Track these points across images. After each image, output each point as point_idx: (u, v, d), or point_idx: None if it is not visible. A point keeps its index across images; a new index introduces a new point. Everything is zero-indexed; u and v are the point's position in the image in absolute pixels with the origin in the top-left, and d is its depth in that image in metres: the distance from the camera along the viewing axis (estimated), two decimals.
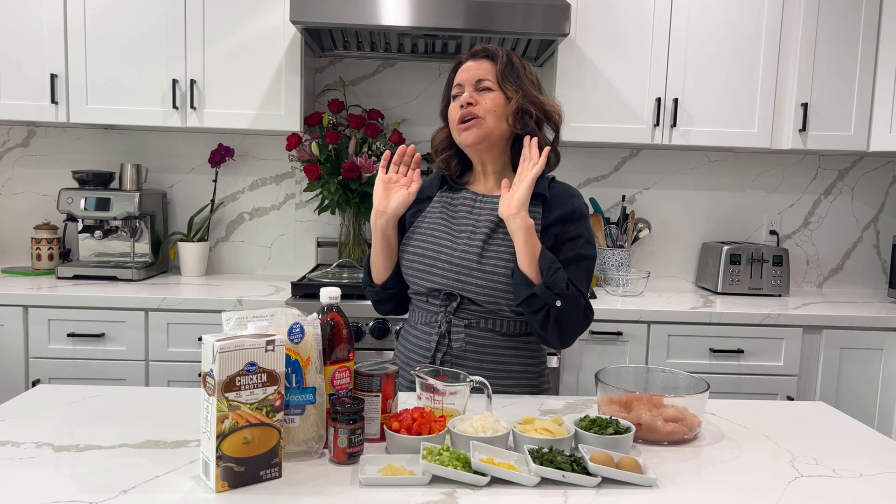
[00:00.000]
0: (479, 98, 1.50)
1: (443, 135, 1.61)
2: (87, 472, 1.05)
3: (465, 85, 1.52)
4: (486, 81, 1.51)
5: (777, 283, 2.86)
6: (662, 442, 1.24)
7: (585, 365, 2.50)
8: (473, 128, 1.50)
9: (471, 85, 1.52)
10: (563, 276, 1.42)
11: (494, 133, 1.51)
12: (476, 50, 1.55)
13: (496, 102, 1.50)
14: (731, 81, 2.71)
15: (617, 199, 3.09)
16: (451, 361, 1.50)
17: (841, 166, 3.12)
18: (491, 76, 1.51)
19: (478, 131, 1.50)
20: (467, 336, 1.51)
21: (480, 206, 1.56)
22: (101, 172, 2.80)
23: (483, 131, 1.50)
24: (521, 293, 1.43)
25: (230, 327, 1.10)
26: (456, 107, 1.52)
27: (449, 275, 1.49)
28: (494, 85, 1.51)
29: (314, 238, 3.06)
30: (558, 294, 1.40)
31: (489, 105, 1.50)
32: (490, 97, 1.50)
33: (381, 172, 1.56)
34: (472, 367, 1.50)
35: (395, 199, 1.53)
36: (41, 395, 1.40)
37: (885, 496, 1.06)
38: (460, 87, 1.53)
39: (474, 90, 1.51)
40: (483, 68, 1.52)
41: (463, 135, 1.51)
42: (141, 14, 2.62)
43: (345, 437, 1.10)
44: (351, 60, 3.02)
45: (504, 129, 1.52)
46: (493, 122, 1.50)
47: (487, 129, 1.50)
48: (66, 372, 2.44)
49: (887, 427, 2.55)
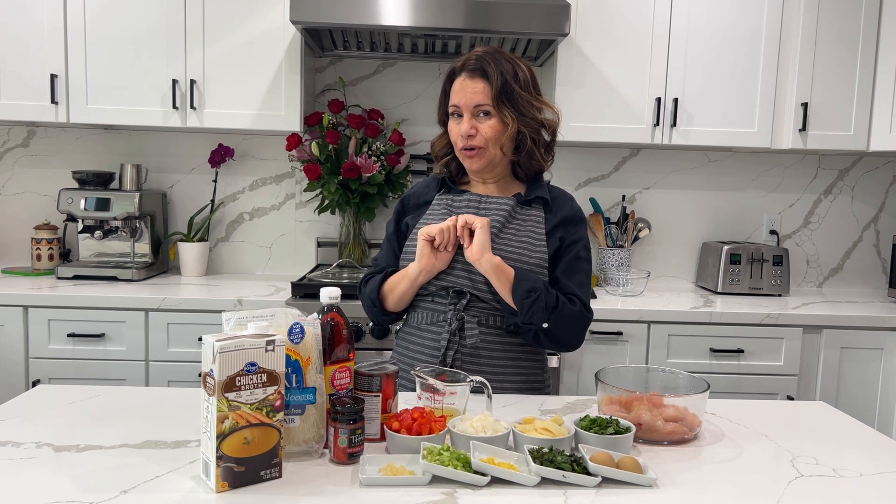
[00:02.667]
0: (478, 126, 1.52)
1: (443, 142, 1.63)
2: (87, 472, 1.05)
3: (463, 109, 1.53)
4: (483, 106, 1.51)
5: (777, 283, 2.86)
6: (662, 442, 1.24)
7: (585, 365, 2.50)
8: (476, 157, 1.54)
9: (468, 111, 1.52)
10: (542, 303, 1.45)
11: (496, 157, 1.55)
12: (471, 64, 1.53)
13: (495, 130, 1.52)
14: (731, 81, 2.71)
15: (617, 199, 3.09)
16: (462, 360, 1.51)
17: (841, 166, 3.12)
18: (487, 100, 1.51)
19: (481, 161, 1.54)
20: (480, 332, 1.52)
21: (486, 206, 1.58)
22: (101, 172, 2.80)
23: (486, 159, 1.54)
24: (509, 320, 1.51)
25: (230, 327, 1.10)
26: (456, 130, 1.54)
27: (460, 273, 1.51)
28: (492, 109, 1.51)
29: (314, 238, 3.06)
30: (542, 319, 1.46)
31: (489, 134, 1.52)
32: (489, 125, 1.52)
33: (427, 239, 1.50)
34: (483, 363, 1.51)
35: (441, 258, 1.50)
36: (41, 395, 1.40)
37: (885, 496, 1.06)
38: (457, 107, 1.54)
39: (472, 116, 1.52)
40: (479, 91, 1.51)
41: (468, 162, 1.56)
42: (141, 14, 2.62)
43: (345, 437, 1.10)
44: (351, 60, 3.02)
45: (503, 152, 1.56)
46: (494, 149, 1.54)
47: (489, 156, 1.54)
48: (67, 372, 2.44)
49: (887, 427, 2.55)
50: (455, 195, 1.62)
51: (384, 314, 1.63)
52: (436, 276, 1.53)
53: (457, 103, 1.53)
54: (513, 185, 1.63)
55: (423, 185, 1.69)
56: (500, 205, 1.57)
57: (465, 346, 1.51)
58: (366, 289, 1.63)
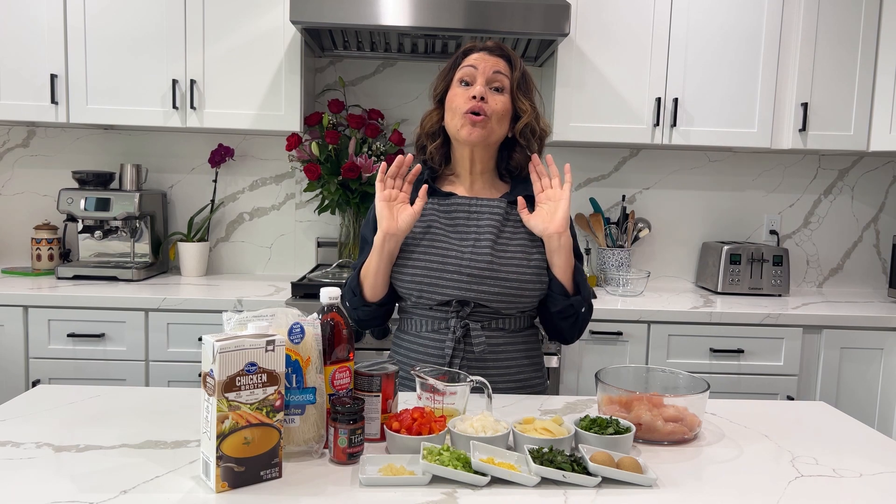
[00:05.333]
0: (490, 96, 1.48)
1: (434, 118, 1.56)
2: (87, 472, 1.05)
3: (478, 74, 1.48)
4: (501, 79, 1.49)
5: (777, 283, 2.86)
6: (662, 442, 1.24)
7: (585, 365, 2.50)
8: (480, 125, 1.47)
9: (485, 76, 1.48)
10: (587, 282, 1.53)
11: (494, 135, 1.51)
12: (491, 46, 1.51)
13: (506, 108, 1.50)
14: (731, 81, 2.71)
15: (617, 199, 3.09)
16: (469, 365, 1.49)
17: (841, 166, 3.12)
18: (507, 77, 1.49)
19: (482, 131, 1.48)
20: (486, 338, 1.50)
21: (478, 210, 1.54)
22: (101, 173, 2.80)
23: (486, 132, 1.49)
24: (558, 302, 1.50)
25: (230, 327, 1.10)
26: (466, 96, 1.48)
27: (461, 284, 1.47)
28: (507, 89, 1.49)
29: (314, 238, 3.06)
30: (587, 302, 1.52)
31: (499, 108, 1.48)
32: (501, 100, 1.49)
33: (380, 189, 1.47)
34: (490, 367, 1.50)
35: (403, 218, 1.45)
36: (41, 395, 1.40)
37: (885, 496, 1.06)
38: (471, 72, 1.49)
39: (487, 86, 1.48)
40: (500, 66, 1.49)
41: (468, 129, 1.47)
42: (141, 14, 2.62)
43: (345, 437, 1.10)
44: (351, 60, 3.02)
45: (501, 135, 1.53)
46: (496, 125, 1.50)
47: (490, 130, 1.49)
48: (67, 372, 2.44)
49: (887, 427, 2.55)
50: (441, 198, 1.56)
51: (364, 304, 1.53)
52: (437, 290, 1.48)
53: (473, 64, 1.49)
54: (498, 185, 1.60)
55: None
56: (491, 207, 1.53)
57: (471, 353, 1.49)
58: (345, 286, 1.57)
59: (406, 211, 1.46)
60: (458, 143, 1.54)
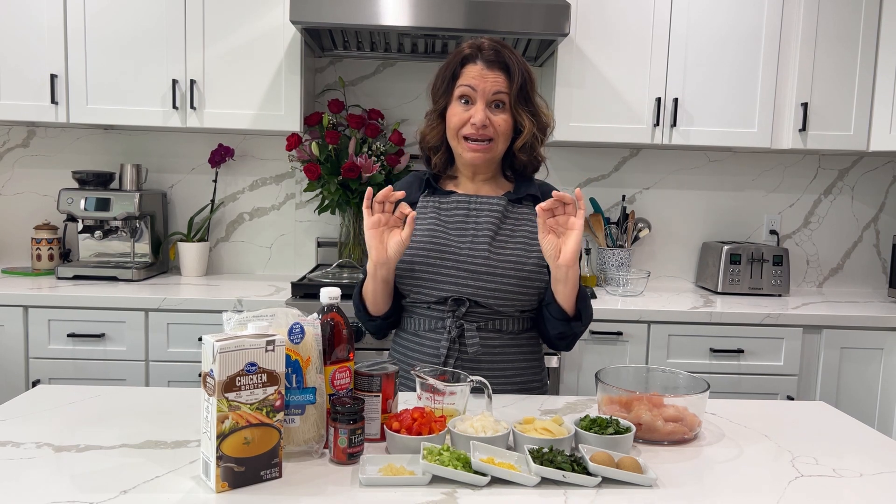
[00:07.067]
0: (490, 118, 1.47)
1: (435, 133, 1.56)
2: (87, 472, 1.05)
3: (478, 96, 1.47)
4: (501, 97, 1.47)
5: (777, 283, 2.86)
6: (662, 442, 1.24)
7: (585, 365, 2.50)
8: (482, 152, 1.48)
9: (484, 98, 1.46)
10: (590, 308, 1.50)
11: (496, 152, 1.52)
12: (489, 54, 1.48)
13: (508, 125, 1.49)
14: (731, 81, 2.71)
15: (617, 199, 3.09)
16: (463, 366, 1.48)
17: (841, 166, 3.12)
18: (506, 94, 1.47)
19: (487, 155, 1.50)
20: (480, 339, 1.49)
21: (477, 207, 1.54)
22: (101, 173, 2.80)
23: (492, 154, 1.51)
24: (556, 327, 1.49)
25: (230, 327, 1.10)
26: (464, 117, 1.47)
27: (458, 281, 1.47)
28: (509, 104, 1.48)
29: (314, 238, 3.06)
30: (586, 325, 1.51)
31: (502, 128, 1.48)
32: (502, 119, 1.48)
33: (367, 216, 1.44)
34: (485, 368, 1.49)
35: (392, 246, 1.42)
36: (41, 395, 1.40)
37: (885, 496, 1.06)
38: (470, 93, 1.48)
39: (486, 106, 1.47)
40: (499, 82, 1.47)
41: (471, 155, 1.49)
42: (141, 14, 2.62)
43: (345, 437, 1.10)
44: (351, 60, 3.02)
45: (504, 149, 1.53)
46: (502, 145, 1.51)
47: (496, 152, 1.51)
48: (67, 372, 2.44)
49: (887, 427, 2.55)
50: (441, 196, 1.57)
51: (369, 319, 1.55)
52: (435, 287, 1.48)
53: (473, 85, 1.46)
54: (501, 182, 1.60)
55: (404, 185, 1.60)
56: (491, 205, 1.53)
57: (465, 354, 1.49)
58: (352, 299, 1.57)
59: (394, 238, 1.43)
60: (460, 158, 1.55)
